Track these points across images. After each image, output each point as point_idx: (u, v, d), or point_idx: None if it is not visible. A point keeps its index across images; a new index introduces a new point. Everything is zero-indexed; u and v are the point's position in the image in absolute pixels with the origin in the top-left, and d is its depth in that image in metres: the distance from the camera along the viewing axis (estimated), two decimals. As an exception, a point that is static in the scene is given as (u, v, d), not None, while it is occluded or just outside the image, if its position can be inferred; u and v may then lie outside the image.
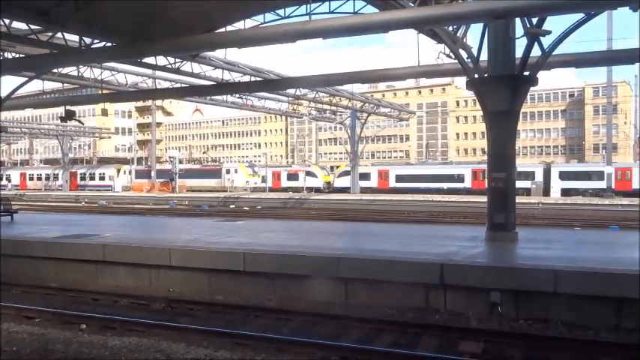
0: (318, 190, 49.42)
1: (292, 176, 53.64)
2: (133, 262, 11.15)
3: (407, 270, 8.96)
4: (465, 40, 14.03)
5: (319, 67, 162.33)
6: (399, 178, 47.95)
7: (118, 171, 62.21)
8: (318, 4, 16.38)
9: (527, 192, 39.02)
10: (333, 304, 9.11)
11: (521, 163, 60.41)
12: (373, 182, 48.32)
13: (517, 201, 12.52)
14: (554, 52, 12.82)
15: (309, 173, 52.93)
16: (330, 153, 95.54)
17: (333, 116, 47.55)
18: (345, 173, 50.89)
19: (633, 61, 18.09)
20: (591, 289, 7.91)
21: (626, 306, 7.71)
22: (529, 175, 41.72)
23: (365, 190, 46.50)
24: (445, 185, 44.86)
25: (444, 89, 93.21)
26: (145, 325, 8.03)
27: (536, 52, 12.37)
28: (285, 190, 50.79)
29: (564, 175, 41.48)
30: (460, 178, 45.60)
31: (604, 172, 40.24)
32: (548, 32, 12.03)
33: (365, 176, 48.38)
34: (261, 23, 16.77)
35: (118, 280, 11.22)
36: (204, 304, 9.40)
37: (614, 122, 60.47)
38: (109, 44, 16.71)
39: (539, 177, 42.07)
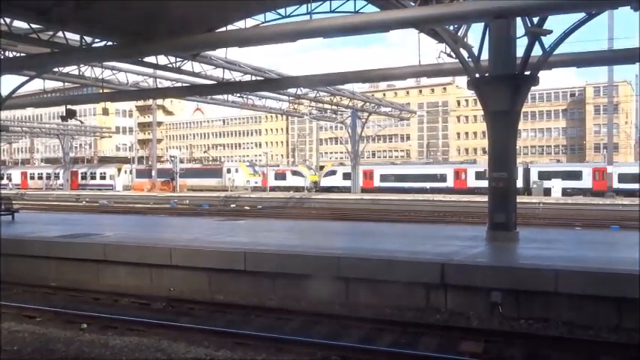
0: (305, 190, 49.92)
1: (279, 176, 53.97)
2: (133, 262, 11.16)
3: (408, 270, 8.96)
4: (465, 40, 14.02)
5: (319, 66, 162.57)
6: (384, 178, 48.73)
7: (119, 170, 62.24)
8: (319, 3, 16.39)
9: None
10: (333, 304, 9.11)
11: None
12: (360, 182, 48.98)
13: (518, 200, 12.50)
14: (555, 52, 12.82)
15: (295, 173, 53.55)
16: (331, 152, 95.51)
17: (333, 116, 47.53)
18: (331, 173, 51.83)
19: (634, 61, 18.05)
20: (591, 289, 7.90)
21: (626, 306, 7.71)
22: None
23: (349, 190, 47.36)
24: (428, 185, 45.65)
25: (444, 89, 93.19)
26: (146, 324, 8.03)
27: (537, 51, 12.38)
28: (274, 189, 51.07)
29: (543, 175, 41.58)
30: (442, 178, 46.69)
31: (582, 172, 40.82)
32: (549, 32, 12.03)
33: (350, 176, 49.30)
34: (262, 23, 16.78)
35: (119, 279, 11.22)
36: (205, 303, 9.41)
37: (615, 122, 60.41)
38: (109, 43, 16.73)
39: (519, 176, 42.39)
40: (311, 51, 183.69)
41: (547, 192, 39.37)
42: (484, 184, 48.92)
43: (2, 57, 18.67)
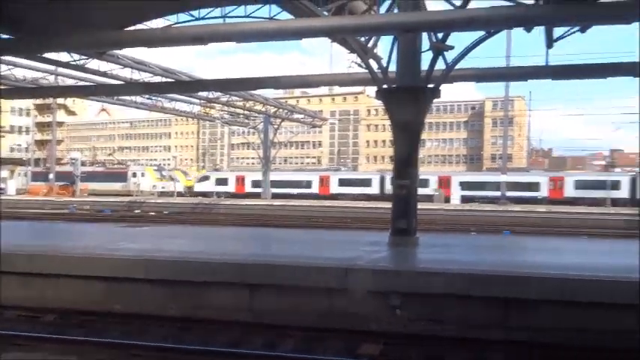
0: (180, 195, 49.93)
1: None
2: (24, 272, 10.33)
3: (312, 274, 9.02)
4: (375, 51, 14.44)
5: (237, 70, 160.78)
6: (255, 184, 49.75)
7: (12, 172, 57.85)
8: (234, 7, 16.30)
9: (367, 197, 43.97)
10: (237, 311, 8.97)
11: (364, 171, 64.38)
12: (231, 187, 50.52)
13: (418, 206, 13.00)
14: (457, 67, 13.56)
15: (170, 178, 53.29)
16: (243, 158, 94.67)
17: (246, 120, 47.22)
18: (204, 178, 53.51)
19: (526, 78, 19.54)
20: (481, 291, 8.35)
21: (512, 305, 8.24)
22: (369, 182, 47.30)
23: (224, 195, 48.35)
24: (296, 191, 47.42)
25: (356, 97, 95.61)
26: (33, 338, 7.48)
27: (442, 65, 13.00)
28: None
29: (387, 180, 44.61)
30: (309, 184, 48.97)
31: (428, 180, 44.60)
32: (451, 47, 12.72)
33: (223, 181, 51.00)
34: (174, 23, 16.40)
35: (8, 291, 10.34)
36: (102, 314, 8.93)
37: (510, 134, 64.87)
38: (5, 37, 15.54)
39: (376, 183, 46.91)
40: (230, 54, 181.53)
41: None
42: (345, 190, 52.41)
43: None
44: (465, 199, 42.05)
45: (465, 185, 43.89)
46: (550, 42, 15.80)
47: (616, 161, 63.92)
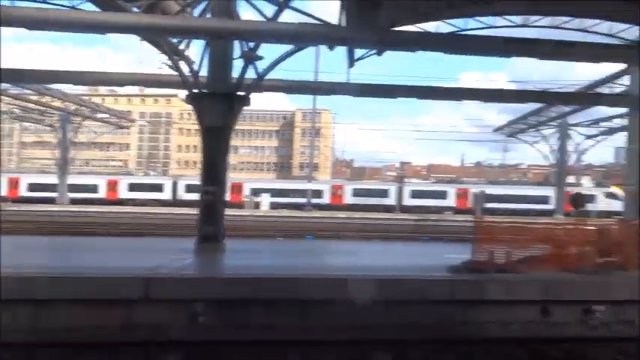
0: None
1: None
2: None
3: (110, 286, 8.48)
4: (187, 54, 14.21)
5: (33, 60, 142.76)
6: (32, 187, 46.64)
7: None
8: (24, -10, 14.69)
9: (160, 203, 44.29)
10: (21, 331, 7.98)
11: (156, 176, 63.98)
12: (3, 191, 46.09)
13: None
14: (270, 77, 14.04)
15: None
16: (37, 158, 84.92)
17: (41, 117, 42.51)
18: None
19: (329, 93, 21.03)
20: (282, 293, 8.72)
21: (312, 307, 8.74)
22: (161, 187, 47.79)
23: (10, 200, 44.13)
24: (80, 195, 44.98)
25: (169, 100, 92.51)
26: None
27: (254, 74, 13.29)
28: None
29: (191, 188, 45.66)
30: (95, 189, 47.26)
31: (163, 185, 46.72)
32: (260, 58, 13.15)
33: None
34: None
35: None
36: None
37: (317, 144, 68.74)
38: None
39: (169, 188, 47.48)
40: (23, 41, 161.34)
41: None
42: (136, 195, 51.30)
43: None
44: (274, 206, 43.37)
45: (255, 191, 45.34)
46: (351, 62, 17.29)
47: (405, 172, 71.86)
